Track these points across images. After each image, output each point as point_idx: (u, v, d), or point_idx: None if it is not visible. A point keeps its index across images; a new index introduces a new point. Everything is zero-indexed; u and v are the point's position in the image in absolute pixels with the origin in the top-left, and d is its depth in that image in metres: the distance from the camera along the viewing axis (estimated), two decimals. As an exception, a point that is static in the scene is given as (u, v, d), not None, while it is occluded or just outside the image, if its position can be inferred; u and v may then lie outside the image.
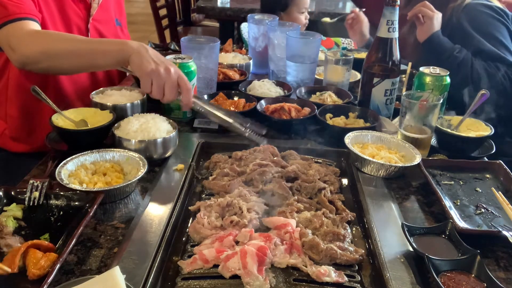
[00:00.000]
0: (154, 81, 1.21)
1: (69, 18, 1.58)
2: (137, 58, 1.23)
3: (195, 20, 4.85)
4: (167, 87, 1.22)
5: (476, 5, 1.93)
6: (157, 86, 1.22)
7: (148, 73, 1.20)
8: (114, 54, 1.27)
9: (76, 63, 1.33)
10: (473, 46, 1.83)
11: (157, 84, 1.22)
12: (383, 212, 1.11)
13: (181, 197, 1.12)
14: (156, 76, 1.21)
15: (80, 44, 1.32)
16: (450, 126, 1.46)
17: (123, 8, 1.90)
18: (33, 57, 1.30)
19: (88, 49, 1.31)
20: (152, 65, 1.21)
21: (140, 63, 1.21)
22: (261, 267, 0.90)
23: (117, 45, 1.28)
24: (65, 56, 1.31)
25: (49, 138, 1.31)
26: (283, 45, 1.85)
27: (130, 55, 1.23)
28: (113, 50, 1.28)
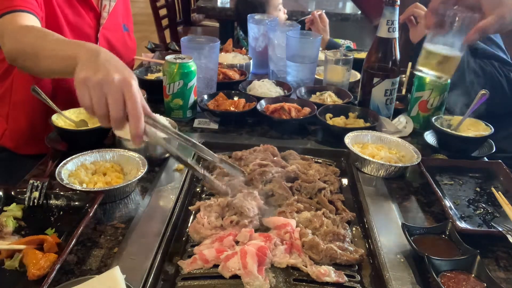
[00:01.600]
0: (91, 91, 0.89)
1: (81, 27, 1.58)
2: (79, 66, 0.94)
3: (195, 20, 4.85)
4: (109, 100, 0.89)
5: None
6: (96, 99, 0.89)
7: (81, 82, 0.90)
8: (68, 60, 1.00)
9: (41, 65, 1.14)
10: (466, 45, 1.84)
11: (96, 97, 0.89)
12: (383, 212, 1.11)
13: (181, 197, 1.12)
14: (92, 85, 0.89)
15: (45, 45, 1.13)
16: (450, 126, 1.47)
17: (130, 12, 1.90)
18: (11, 55, 1.23)
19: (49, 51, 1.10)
20: (88, 72, 0.91)
21: (77, 71, 0.93)
22: (261, 267, 0.90)
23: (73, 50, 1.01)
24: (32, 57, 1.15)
25: (49, 138, 1.31)
26: (283, 45, 1.85)
27: (78, 62, 0.95)
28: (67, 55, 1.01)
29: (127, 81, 0.90)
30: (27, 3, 1.34)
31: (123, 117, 0.90)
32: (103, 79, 0.89)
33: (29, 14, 1.33)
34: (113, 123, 0.91)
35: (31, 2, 1.36)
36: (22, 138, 1.60)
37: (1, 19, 1.28)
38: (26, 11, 1.32)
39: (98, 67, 0.91)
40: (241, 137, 1.47)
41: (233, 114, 1.53)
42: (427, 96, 1.50)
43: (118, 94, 0.89)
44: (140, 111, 0.89)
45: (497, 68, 1.78)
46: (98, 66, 0.91)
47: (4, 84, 1.56)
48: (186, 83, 1.48)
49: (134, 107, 0.89)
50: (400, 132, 1.51)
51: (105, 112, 0.90)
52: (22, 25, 1.26)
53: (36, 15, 1.36)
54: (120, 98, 0.89)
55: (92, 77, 0.90)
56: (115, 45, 1.75)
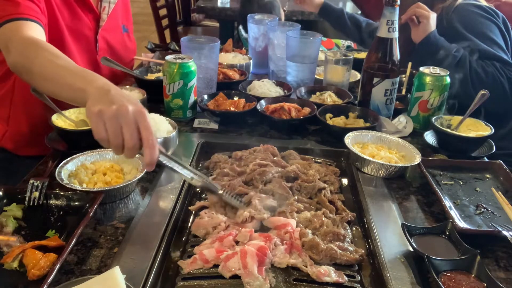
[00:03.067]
0: (107, 123, 0.91)
1: (80, 29, 1.58)
2: (91, 99, 0.96)
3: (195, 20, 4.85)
4: (125, 131, 0.91)
5: (466, 6, 1.94)
6: (112, 130, 0.91)
7: (96, 114, 0.92)
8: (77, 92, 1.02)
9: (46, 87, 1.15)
10: (468, 46, 1.84)
11: (112, 128, 0.91)
12: (383, 212, 1.11)
13: (181, 197, 1.12)
14: (108, 117, 0.91)
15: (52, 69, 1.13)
16: (450, 126, 1.47)
17: (130, 14, 1.90)
18: (16, 68, 1.23)
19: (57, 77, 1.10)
20: (102, 105, 0.92)
21: (90, 104, 0.94)
22: (261, 267, 0.90)
23: (83, 83, 1.02)
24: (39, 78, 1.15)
25: (49, 138, 1.31)
26: (283, 45, 1.85)
27: (88, 97, 0.96)
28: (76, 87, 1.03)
29: (141, 112, 0.93)
30: (33, 11, 1.34)
31: (138, 146, 0.93)
32: (118, 110, 0.91)
33: (35, 24, 1.32)
34: (127, 152, 0.94)
35: (35, 10, 1.35)
36: (22, 139, 1.60)
37: (7, 25, 1.27)
38: (31, 20, 1.31)
39: (111, 100, 0.93)
40: (241, 137, 1.47)
41: (233, 114, 1.53)
42: (427, 96, 1.50)
43: (133, 125, 0.92)
44: (154, 141, 0.93)
45: (499, 68, 1.78)
46: (111, 99, 0.93)
47: (5, 85, 1.55)
48: (186, 83, 1.48)
49: (149, 136, 0.92)
50: (400, 132, 1.51)
51: (121, 142, 0.92)
52: (30, 37, 1.25)
53: (41, 24, 1.35)
54: (135, 128, 0.92)
55: (107, 109, 0.91)
56: (114, 46, 1.75)
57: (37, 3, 1.37)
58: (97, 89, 0.98)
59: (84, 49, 1.64)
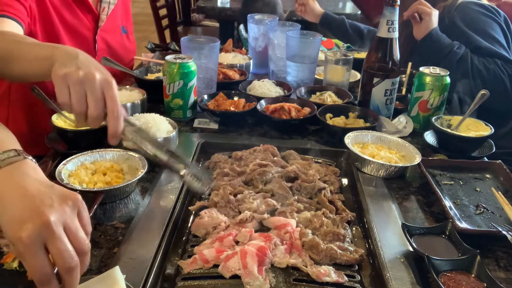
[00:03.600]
0: (71, 87, 0.88)
1: (78, 30, 1.58)
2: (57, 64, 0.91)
3: (195, 20, 4.85)
4: (90, 98, 0.88)
5: (468, 4, 1.94)
6: (76, 96, 0.88)
7: (62, 76, 0.88)
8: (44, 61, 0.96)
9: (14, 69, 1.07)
10: (470, 44, 1.84)
11: (76, 94, 0.88)
12: (383, 212, 1.11)
13: (181, 197, 1.12)
14: (72, 81, 0.88)
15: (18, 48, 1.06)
16: (450, 126, 1.47)
17: (130, 15, 1.90)
18: None
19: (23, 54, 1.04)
20: (69, 69, 0.89)
21: (56, 68, 0.90)
22: (261, 267, 0.90)
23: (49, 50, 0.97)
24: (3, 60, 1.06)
25: (49, 138, 1.31)
26: (283, 45, 1.85)
27: (55, 62, 0.92)
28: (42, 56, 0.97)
29: (109, 81, 0.90)
30: (13, 8, 1.32)
31: (102, 115, 0.89)
32: (84, 76, 0.88)
33: (12, 21, 1.30)
34: (90, 121, 0.91)
35: (17, 8, 1.34)
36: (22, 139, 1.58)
37: None
38: (9, 17, 1.30)
39: (78, 65, 0.90)
40: (241, 137, 1.47)
41: (233, 114, 1.53)
42: (427, 96, 1.50)
43: (99, 93, 0.88)
44: (120, 111, 0.89)
45: (500, 66, 1.79)
46: (78, 64, 0.90)
47: (1, 86, 1.55)
48: (186, 83, 1.48)
49: (114, 106, 0.88)
50: (400, 132, 1.51)
51: (84, 110, 0.89)
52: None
53: (21, 22, 1.33)
54: (100, 97, 0.89)
55: (73, 73, 0.88)
56: (113, 47, 1.75)
57: (22, 2, 1.36)
58: (65, 53, 0.94)
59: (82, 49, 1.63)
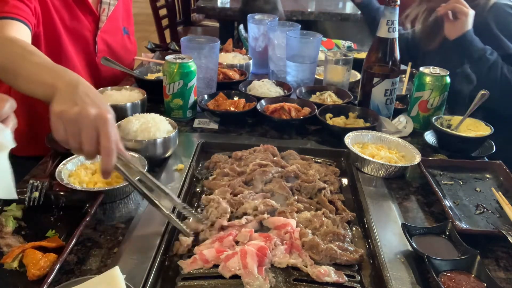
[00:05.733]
0: (66, 125, 0.90)
1: (78, 31, 1.57)
2: (56, 97, 0.93)
3: (195, 20, 4.84)
4: (83, 135, 0.89)
5: (503, 6, 1.86)
6: (71, 133, 0.89)
7: (57, 114, 0.90)
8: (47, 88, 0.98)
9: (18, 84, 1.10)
10: (500, 49, 1.78)
11: (71, 131, 0.89)
12: (383, 212, 1.11)
13: (181, 197, 1.12)
14: (67, 119, 0.89)
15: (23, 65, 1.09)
16: (450, 126, 1.47)
17: (131, 16, 1.89)
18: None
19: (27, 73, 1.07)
20: (64, 106, 0.90)
21: (54, 103, 0.92)
22: (261, 267, 0.90)
23: (52, 78, 0.99)
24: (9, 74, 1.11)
25: (49, 138, 1.31)
26: (283, 45, 1.85)
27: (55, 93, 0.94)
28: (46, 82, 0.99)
29: (103, 117, 0.90)
30: (20, 10, 1.32)
31: (95, 151, 0.91)
32: (79, 114, 0.89)
33: (20, 23, 1.30)
34: (85, 156, 0.93)
35: (23, 9, 1.34)
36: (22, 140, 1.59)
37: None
38: (17, 19, 1.30)
39: (75, 101, 0.91)
40: (241, 137, 1.47)
41: (233, 114, 1.53)
42: (427, 96, 1.50)
43: (92, 130, 0.89)
44: (112, 148, 0.90)
45: None
46: (75, 100, 0.91)
47: (1, 86, 1.55)
48: (186, 83, 1.48)
49: (106, 144, 0.89)
50: (400, 132, 1.51)
51: (78, 146, 0.91)
52: (9, 36, 1.22)
53: (28, 24, 1.33)
54: (93, 134, 0.90)
55: (68, 111, 0.89)
56: (114, 48, 1.75)
57: (27, 3, 1.36)
58: (65, 84, 0.96)
59: (82, 50, 1.64)
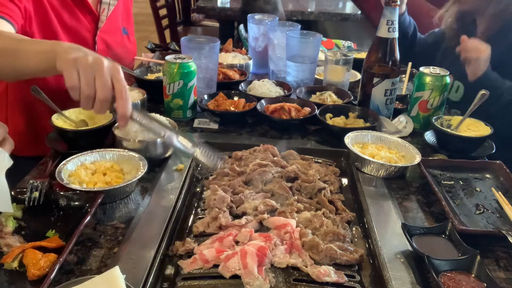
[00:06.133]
0: (81, 71, 0.93)
1: (77, 31, 1.57)
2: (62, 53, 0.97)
3: (195, 20, 4.84)
4: (98, 81, 0.93)
5: None
6: (85, 79, 0.93)
7: (71, 61, 0.93)
8: (43, 55, 1.02)
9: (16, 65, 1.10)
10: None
11: (85, 77, 0.93)
12: (383, 212, 1.11)
13: (181, 197, 1.12)
14: (83, 65, 0.93)
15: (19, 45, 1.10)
16: (450, 126, 1.46)
17: (131, 16, 1.89)
18: None
19: (13, 48, 1.08)
20: (78, 54, 0.95)
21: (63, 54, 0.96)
22: (261, 267, 0.90)
23: (48, 46, 1.03)
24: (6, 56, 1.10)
25: (49, 138, 1.31)
26: (283, 45, 1.85)
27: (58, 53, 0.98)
28: (41, 50, 1.03)
29: (116, 67, 0.96)
30: (6, 8, 1.32)
31: (110, 99, 0.95)
32: (93, 61, 0.93)
33: (5, 21, 1.30)
34: (98, 105, 0.95)
35: (11, 8, 1.33)
36: (21, 140, 1.59)
37: None
38: (2, 17, 1.29)
39: (86, 52, 0.96)
40: (241, 137, 1.47)
41: (233, 114, 1.53)
42: (427, 96, 1.50)
43: (108, 76, 0.94)
44: (128, 94, 0.96)
45: None
46: (85, 52, 0.96)
47: None
48: (186, 83, 1.48)
49: (122, 89, 0.95)
50: (400, 132, 1.51)
51: (92, 93, 0.93)
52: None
53: (13, 23, 1.33)
54: (109, 80, 0.94)
55: (82, 58, 0.93)
56: (114, 48, 1.75)
57: (17, 3, 1.35)
58: (68, 46, 1.00)
59: None
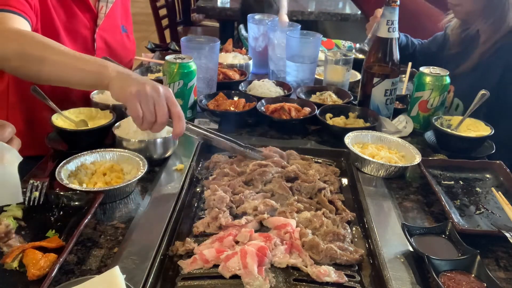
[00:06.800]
0: (143, 103, 1.05)
1: (76, 28, 1.57)
2: (118, 82, 1.08)
3: (195, 20, 4.84)
4: (158, 109, 1.06)
5: None
6: (147, 108, 1.06)
7: (134, 95, 1.05)
8: (92, 75, 1.12)
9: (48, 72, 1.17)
10: None
11: (147, 106, 1.05)
12: (383, 212, 1.11)
13: (181, 197, 1.12)
14: (144, 97, 1.05)
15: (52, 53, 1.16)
16: (450, 126, 1.46)
17: (130, 14, 1.89)
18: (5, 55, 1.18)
19: (61, 61, 1.15)
20: (137, 86, 1.06)
21: (123, 86, 1.07)
22: (261, 267, 0.90)
23: (97, 67, 1.13)
24: (35, 61, 1.16)
25: (49, 138, 1.31)
26: (283, 45, 1.85)
27: (110, 80, 1.09)
28: (91, 70, 1.12)
29: (170, 92, 1.10)
30: (22, 5, 1.31)
31: (166, 121, 1.09)
32: (152, 91, 1.06)
33: (21, 18, 1.29)
34: (157, 128, 1.09)
35: (24, 4, 1.33)
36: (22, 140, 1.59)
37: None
38: (18, 14, 1.29)
39: (140, 81, 1.07)
40: (241, 137, 1.46)
41: (233, 114, 1.53)
42: (427, 96, 1.50)
43: (164, 103, 1.08)
44: (182, 114, 1.10)
45: None
46: (138, 81, 1.07)
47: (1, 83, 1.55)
48: (186, 83, 1.48)
49: (178, 111, 1.09)
50: (400, 132, 1.51)
51: (154, 120, 1.07)
52: (14, 27, 1.23)
53: (29, 20, 1.33)
54: (165, 106, 1.08)
55: (143, 89, 1.05)
56: (113, 46, 1.75)
57: (29, 0, 1.34)
58: (117, 72, 1.10)
59: (81, 48, 1.63)
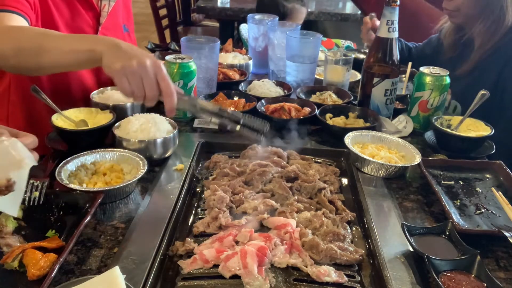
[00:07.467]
0: (130, 78, 1.04)
1: (79, 27, 1.57)
2: (106, 57, 1.07)
3: (195, 20, 4.85)
4: (146, 83, 1.04)
5: None
6: (135, 83, 1.04)
7: (119, 70, 1.03)
8: (85, 53, 1.11)
9: (47, 61, 1.17)
10: None
11: (134, 82, 1.04)
12: (383, 212, 1.11)
13: (181, 197, 1.12)
14: (130, 72, 1.03)
15: (47, 41, 1.16)
16: (450, 126, 1.46)
17: (131, 14, 1.89)
18: (2, 53, 1.19)
19: (55, 46, 1.15)
20: (122, 61, 1.04)
21: (110, 61, 1.05)
22: (261, 267, 0.90)
23: (89, 44, 1.11)
24: (32, 53, 1.16)
25: (49, 138, 1.31)
26: (283, 45, 1.85)
27: (102, 55, 1.07)
28: (83, 49, 1.11)
29: (157, 64, 1.06)
30: (20, 4, 1.32)
31: (157, 95, 1.06)
32: (138, 65, 1.03)
33: (19, 17, 1.30)
34: (148, 102, 1.07)
35: (24, 4, 1.33)
36: None
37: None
38: (16, 13, 1.29)
39: (128, 55, 1.04)
40: (241, 137, 1.46)
41: (233, 114, 1.53)
42: (427, 96, 1.50)
43: (153, 77, 1.05)
44: (172, 89, 1.06)
45: None
46: (126, 55, 1.04)
47: (0, 85, 1.55)
48: (186, 83, 1.48)
49: (167, 86, 1.06)
50: (400, 132, 1.51)
51: (143, 94, 1.05)
52: (11, 25, 1.24)
53: (27, 18, 1.33)
54: (154, 80, 1.05)
55: (129, 65, 1.03)
56: None
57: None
58: (108, 46, 1.08)
59: None
